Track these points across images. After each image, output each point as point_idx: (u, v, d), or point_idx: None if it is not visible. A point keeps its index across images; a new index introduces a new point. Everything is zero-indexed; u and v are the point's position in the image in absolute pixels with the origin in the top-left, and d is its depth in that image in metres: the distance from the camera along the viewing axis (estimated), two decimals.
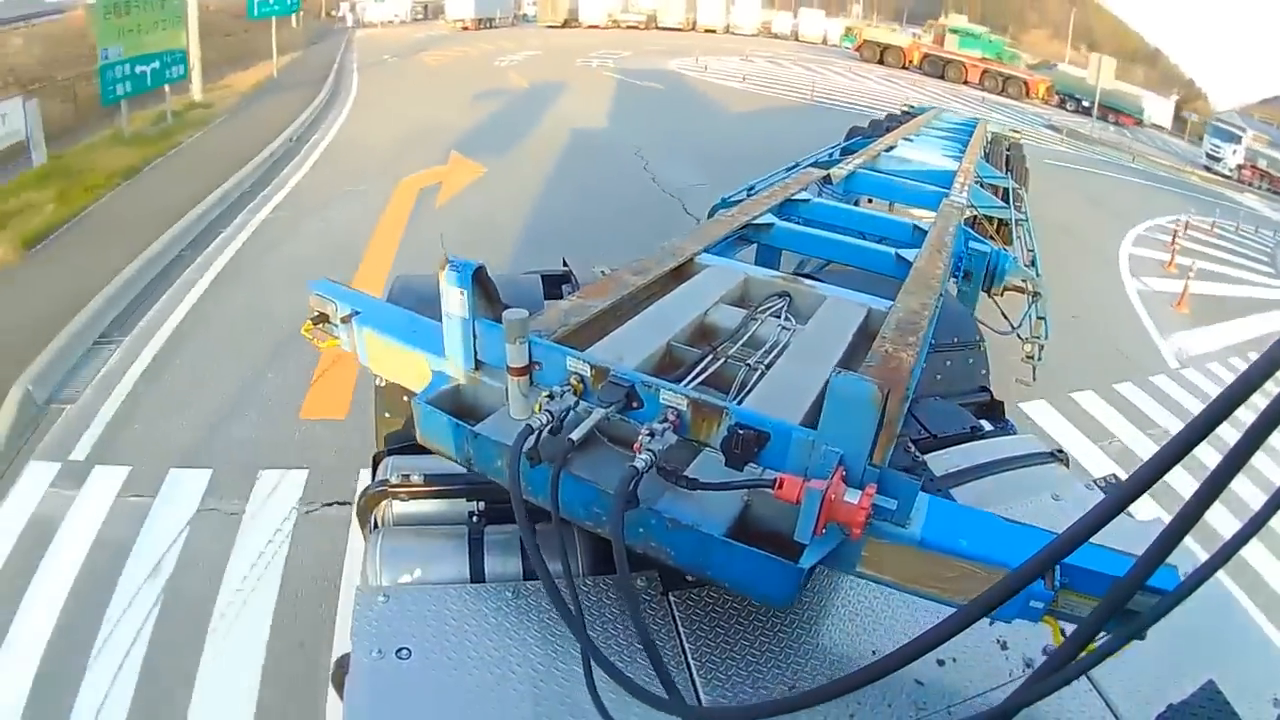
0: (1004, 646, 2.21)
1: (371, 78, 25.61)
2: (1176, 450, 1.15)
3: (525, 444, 1.96)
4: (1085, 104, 34.84)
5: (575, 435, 1.96)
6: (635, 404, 2.09)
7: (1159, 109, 38.12)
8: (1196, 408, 9.62)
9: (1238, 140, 29.71)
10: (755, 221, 4.47)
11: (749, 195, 5.95)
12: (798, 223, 4.92)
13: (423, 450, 2.49)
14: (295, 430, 6.91)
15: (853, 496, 1.73)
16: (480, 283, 2.24)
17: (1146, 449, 8.70)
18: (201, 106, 19.98)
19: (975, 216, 6.66)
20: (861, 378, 1.76)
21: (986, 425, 3.65)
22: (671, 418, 2.01)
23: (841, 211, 5.47)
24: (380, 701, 1.87)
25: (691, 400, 2.03)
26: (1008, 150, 10.83)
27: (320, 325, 2.73)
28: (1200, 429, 1.11)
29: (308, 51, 31.11)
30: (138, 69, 16.92)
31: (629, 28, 46.84)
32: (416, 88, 24.42)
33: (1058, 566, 1.72)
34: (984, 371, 4.21)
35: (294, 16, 30.14)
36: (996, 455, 3.09)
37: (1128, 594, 1.36)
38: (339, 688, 2.13)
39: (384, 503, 2.55)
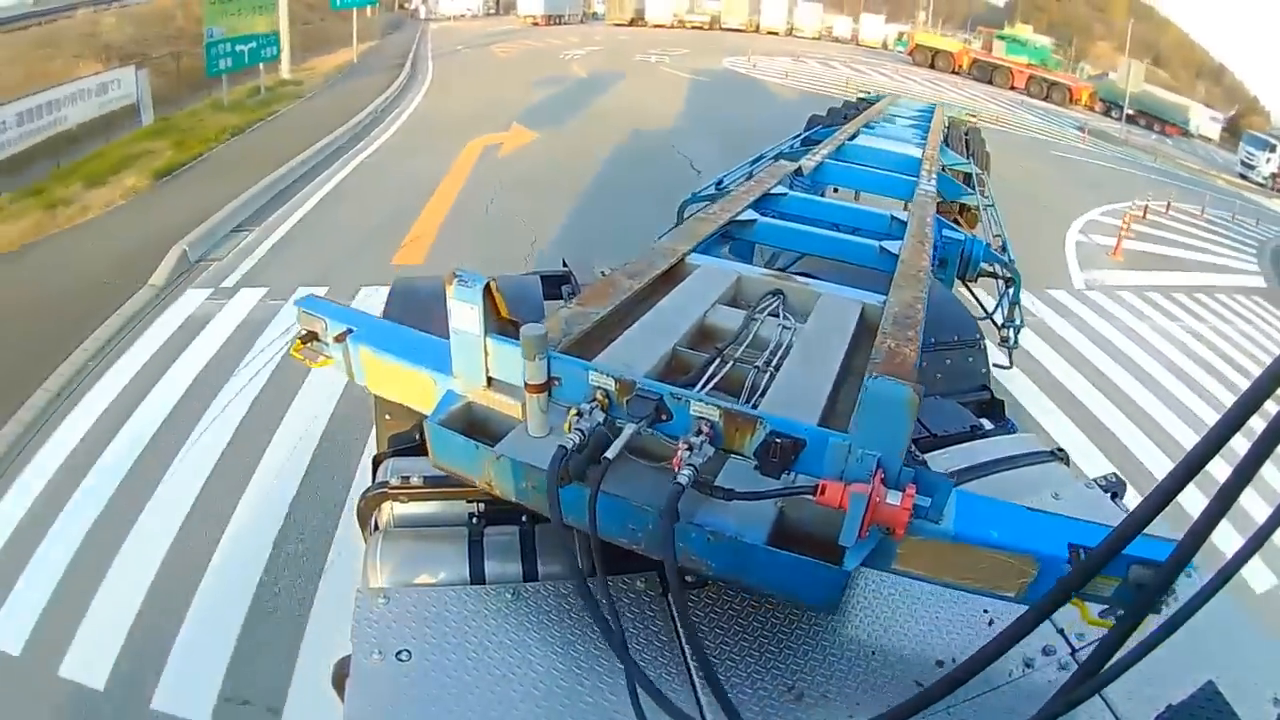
0: None
1: (445, 65, 29.20)
2: (1221, 435, 1.19)
3: (560, 465, 1.99)
4: (1130, 111, 36.74)
5: (611, 453, 1.99)
6: (664, 416, 2.12)
7: (1209, 121, 39.36)
8: (1084, 313, 12.31)
9: (1272, 149, 31.21)
10: (738, 218, 4.61)
11: (717, 189, 6.23)
12: (775, 217, 5.05)
13: (423, 451, 2.55)
14: (388, 268, 10.33)
15: (894, 498, 1.80)
16: (490, 296, 2.24)
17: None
18: (291, 84, 23.52)
19: (939, 203, 6.80)
20: (897, 381, 1.83)
21: (987, 424, 3.70)
22: (706, 429, 2.04)
23: (819, 204, 5.64)
24: (380, 703, 1.93)
25: (725, 411, 2.07)
26: (966, 134, 11.29)
27: (310, 344, 2.68)
28: (1233, 421, 1.16)
29: (383, 41, 34.78)
30: (238, 47, 20.55)
31: (693, 27, 49.38)
32: (486, 74, 27.92)
33: (1081, 550, 1.84)
34: (984, 370, 4.27)
35: (369, 8, 33.45)
36: (997, 454, 3.12)
37: (1167, 582, 1.43)
38: (339, 689, 2.18)
39: (384, 505, 2.62)
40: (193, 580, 5.64)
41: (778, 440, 1.98)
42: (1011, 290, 5.79)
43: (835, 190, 7.30)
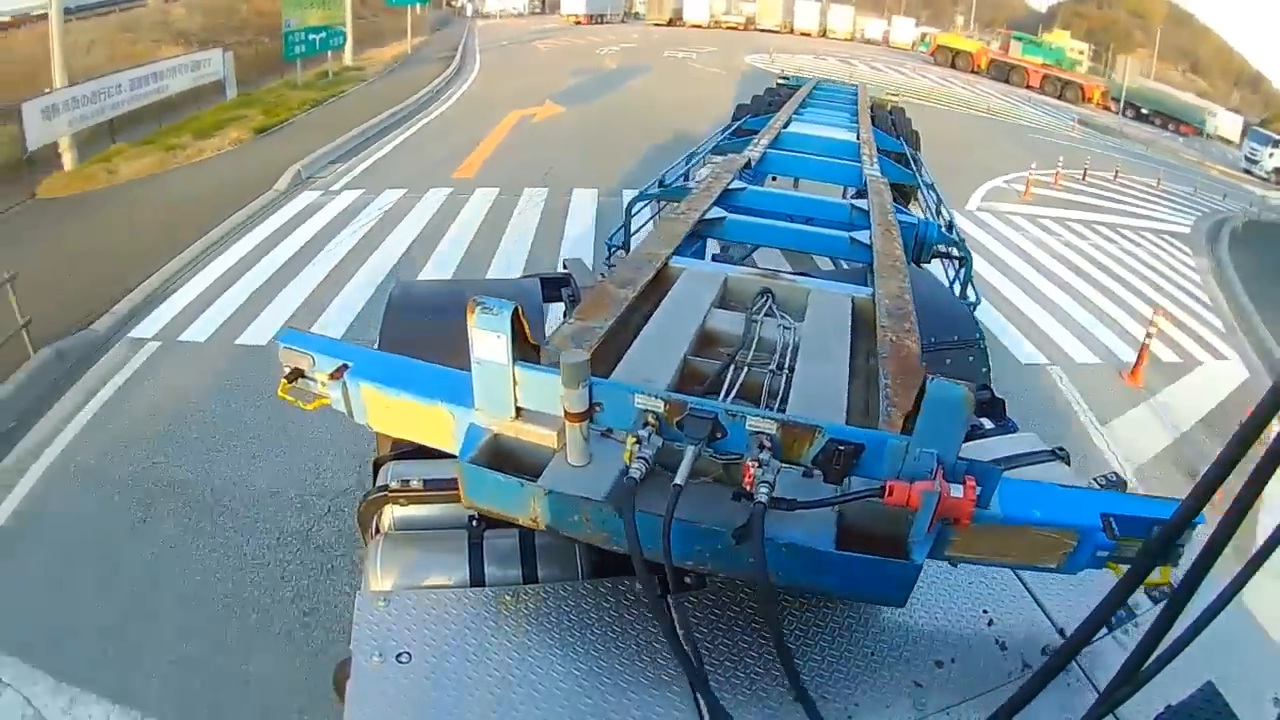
0: (1003, 647, 2.36)
1: (492, 57, 34.01)
2: (1260, 421, 1.27)
3: (633, 498, 2.03)
4: (1144, 111, 40.04)
5: (680, 479, 2.03)
6: (719, 435, 2.14)
7: (1229, 123, 41.43)
8: (966, 225, 15.69)
9: (1275, 144, 33.66)
10: (707, 217, 4.79)
11: (660, 187, 6.55)
12: (738, 213, 5.20)
13: (422, 455, 2.69)
14: (450, 180, 15.30)
15: (958, 491, 1.92)
16: (518, 323, 2.20)
17: None
18: (354, 69, 28.28)
19: None
20: (953, 383, 1.92)
21: (988, 423, 3.80)
22: (766, 443, 2.09)
23: (778, 197, 5.89)
24: (381, 705, 2.01)
25: (782, 423, 2.11)
26: (891, 114, 11.62)
27: (297, 382, 2.57)
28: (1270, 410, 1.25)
29: (433, 36, 39.81)
30: (310, 36, 25.25)
31: (729, 28, 53.13)
32: (527, 65, 32.69)
33: (1114, 520, 2.08)
34: (984, 369, 4.41)
35: (420, 5, 38.12)
36: (998, 453, 3.17)
37: (1202, 573, 1.46)
38: (340, 691, 2.26)
39: (384, 508, 2.71)
40: (328, 296, 10.28)
41: (840, 448, 2.07)
42: (963, 270, 6.09)
43: (774, 179, 7.66)
